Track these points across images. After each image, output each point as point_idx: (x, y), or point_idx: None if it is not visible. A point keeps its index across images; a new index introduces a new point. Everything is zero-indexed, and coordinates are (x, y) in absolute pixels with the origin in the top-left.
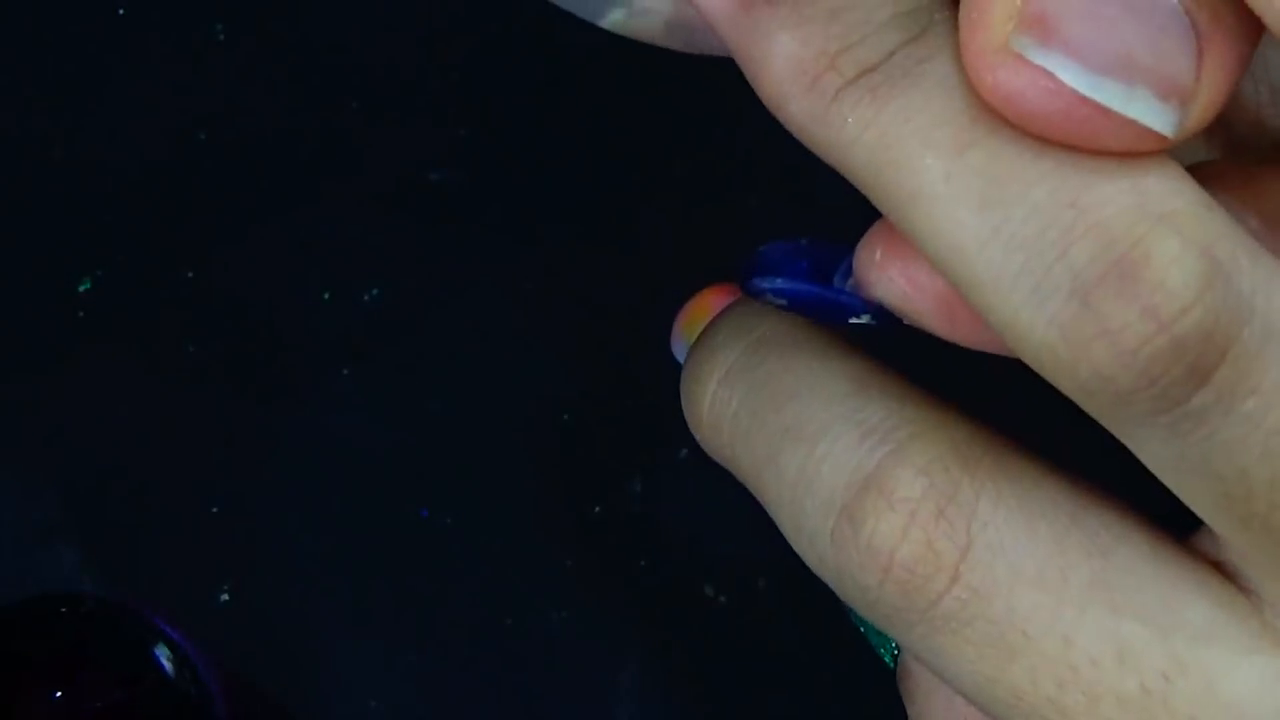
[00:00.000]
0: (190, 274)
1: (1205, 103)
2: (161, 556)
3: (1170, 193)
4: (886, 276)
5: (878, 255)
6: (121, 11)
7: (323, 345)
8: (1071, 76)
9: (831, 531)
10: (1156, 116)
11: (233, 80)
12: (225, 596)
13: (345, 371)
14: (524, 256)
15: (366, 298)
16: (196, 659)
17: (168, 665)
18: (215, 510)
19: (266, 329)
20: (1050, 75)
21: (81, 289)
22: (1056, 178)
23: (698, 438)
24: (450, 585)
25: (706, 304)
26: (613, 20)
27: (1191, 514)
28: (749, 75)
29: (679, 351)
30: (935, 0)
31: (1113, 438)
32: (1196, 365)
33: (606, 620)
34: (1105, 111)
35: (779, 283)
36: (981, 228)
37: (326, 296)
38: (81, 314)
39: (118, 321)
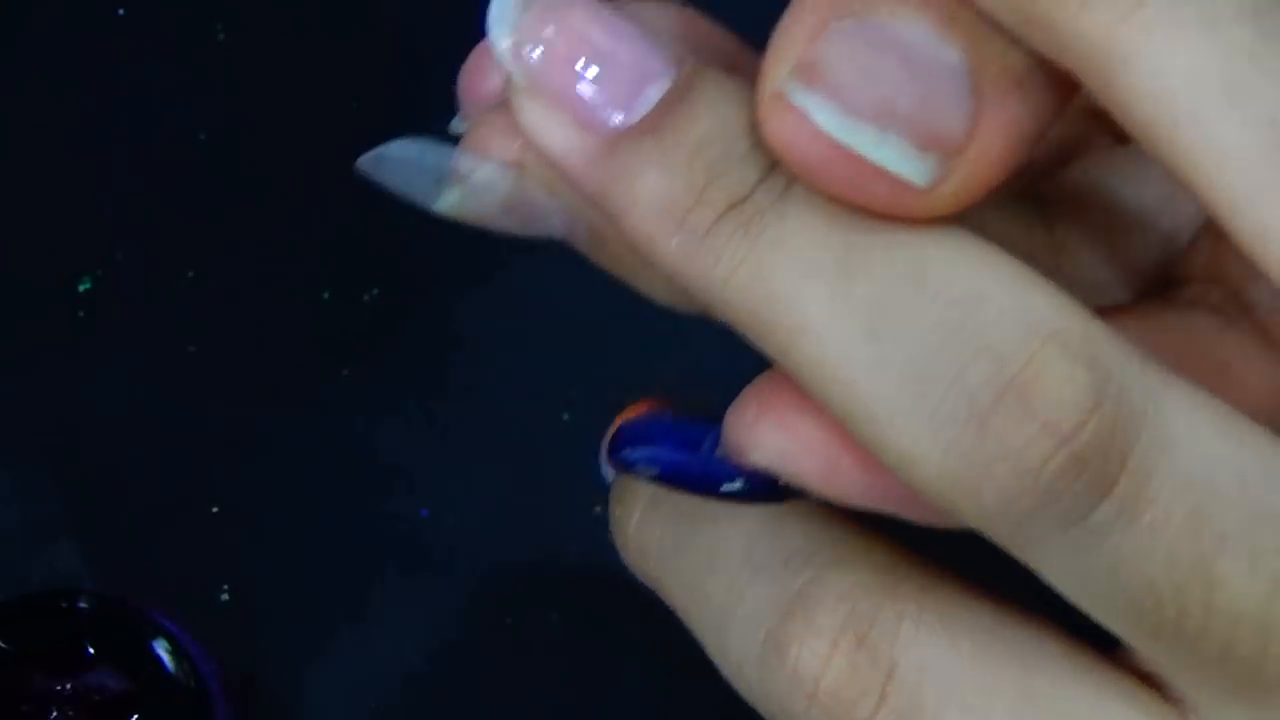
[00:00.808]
0: (190, 274)
1: (979, 161)
2: (161, 556)
3: (1054, 309)
4: (761, 436)
5: (750, 416)
6: (121, 11)
7: (323, 345)
8: (826, 119)
9: (757, 659)
10: (909, 166)
11: (233, 80)
12: (225, 596)
13: (345, 372)
14: (524, 257)
15: (366, 298)
16: (196, 655)
17: (168, 661)
18: (215, 510)
19: (266, 329)
20: (807, 118)
21: (81, 289)
22: (942, 301)
23: (625, 562)
24: (450, 585)
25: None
26: (447, 203)
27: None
28: (615, 220)
29: (606, 472)
30: None
31: None
32: (1098, 477)
33: (606, 620)
34: (855, 157)
35: (648, 452)
36: (870, 358)
37: (326, 296)
38: (81, 314)
39: (118, 321)
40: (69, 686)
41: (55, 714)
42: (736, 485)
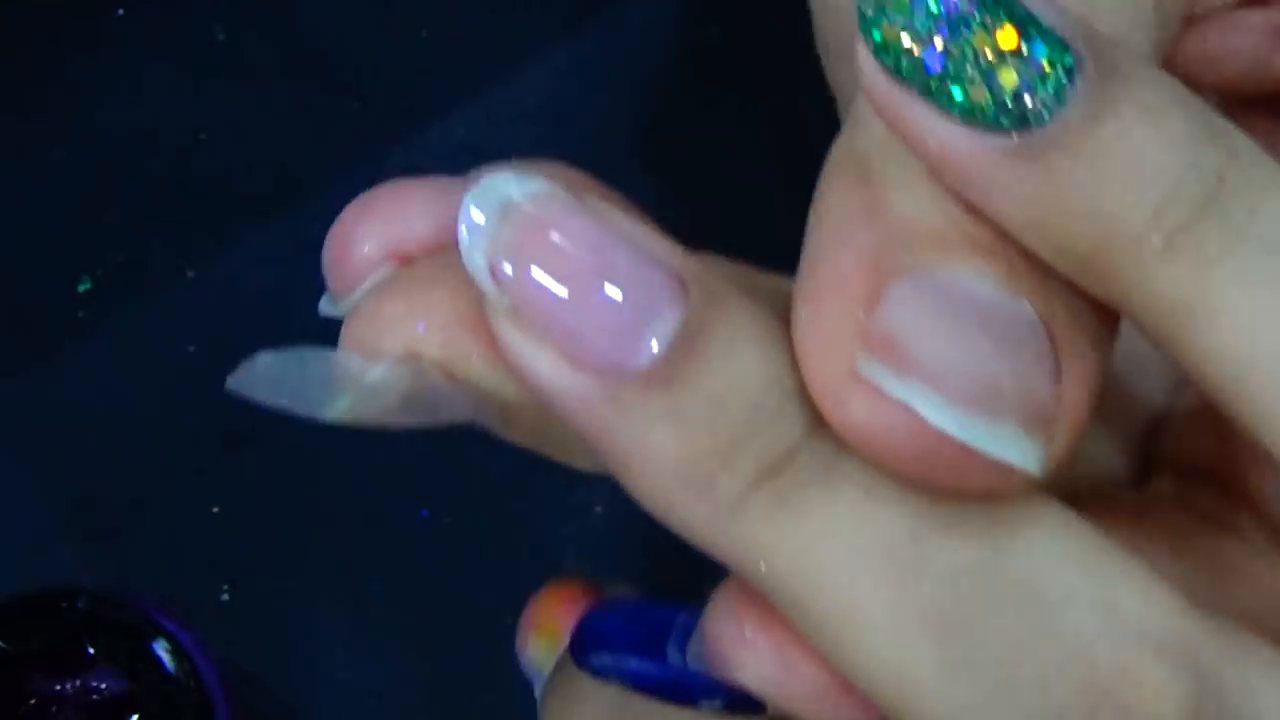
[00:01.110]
0: (190, 274)
1: (1070, 424)
2: (161, 556)
3: (1146, 604)
4: (752, 657)
5: (746, 631)
6: (121, 11)
7: (322, 345)
8: (934, 412)
9: None
10: (1024, 453)
11: (233, 80)
12: (225, 596)
13: None
14: None
15: None
16: (196, 654)
17: (168, 661)
18: (215, 510)
19: (266, 329)
20: (909, 411)
21: (81, 289)
22: (1025, 601)
23: None
24: (450, 585)
25: (552, 612)
26: (339, 410)
27: None
28: (622, 478)
29: (526, 663)
30: None
31: None
32: None
33: None
34: (971, 453)
35: (618, 661)
36: (939, 665)
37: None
38: (81, 314)
39: (118, 321)
40: (69, 686)
41: (55, 714)
42: (716, 704)
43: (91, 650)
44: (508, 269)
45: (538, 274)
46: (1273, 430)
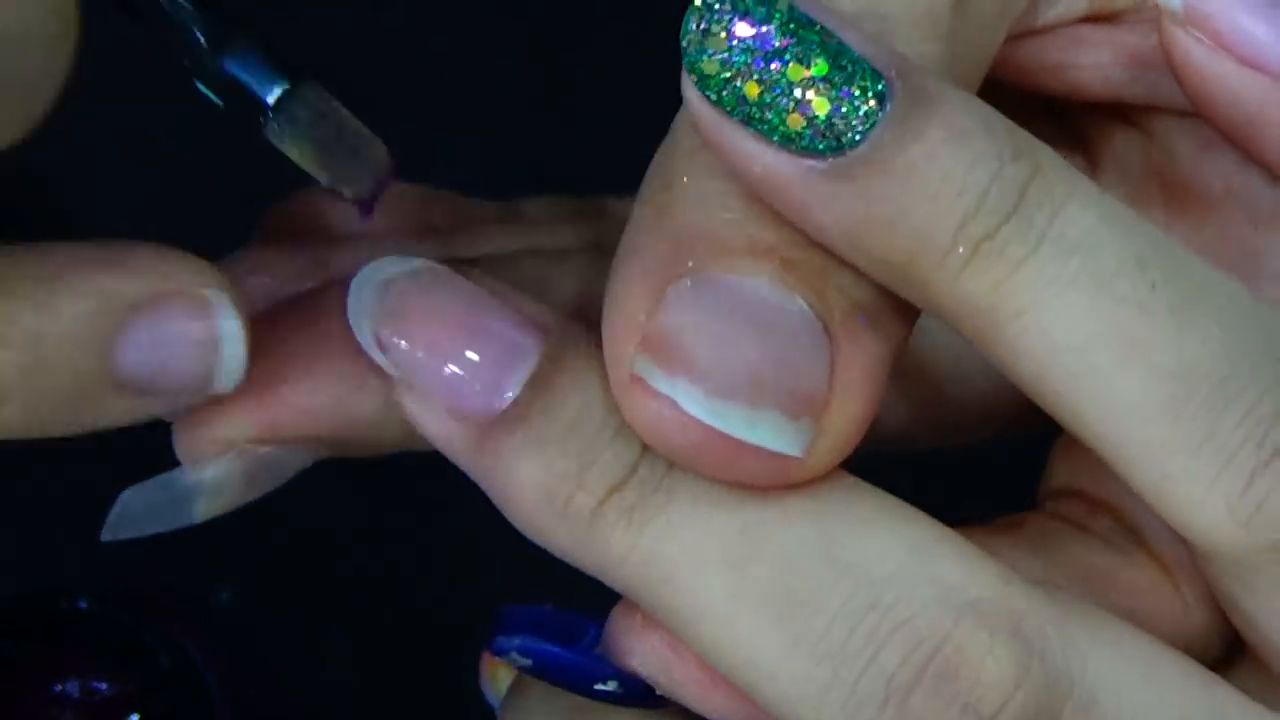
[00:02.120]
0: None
1: (847, 411)
2: (161, 556)
3: (968, 576)
4: (644, 644)
5: (638, 621)
6: None
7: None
8: (694, 404)
9: None
10: (786, 440)
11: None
12: (225, 596)
13: None
14: None
15: None
16: (196, 655)
17: (167, 661)
18: None
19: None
20: (673, 404)
21: None
22: (850, 579)
23: None
24: (450, 585)
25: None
26: (199, 514)
27: None
28: (501, 507)
29: (490, 697)
30: None
31: None
32: None
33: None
34: (729, 439)
35: (523, 642)
36: (780, 641)
37: None
38: None
39: None
40: (69, 686)
41: (55, 714)
42: (610, 687)
43: (91, 650)
44: (389, 338)
45: (412, 341)
46: (1080, 421)
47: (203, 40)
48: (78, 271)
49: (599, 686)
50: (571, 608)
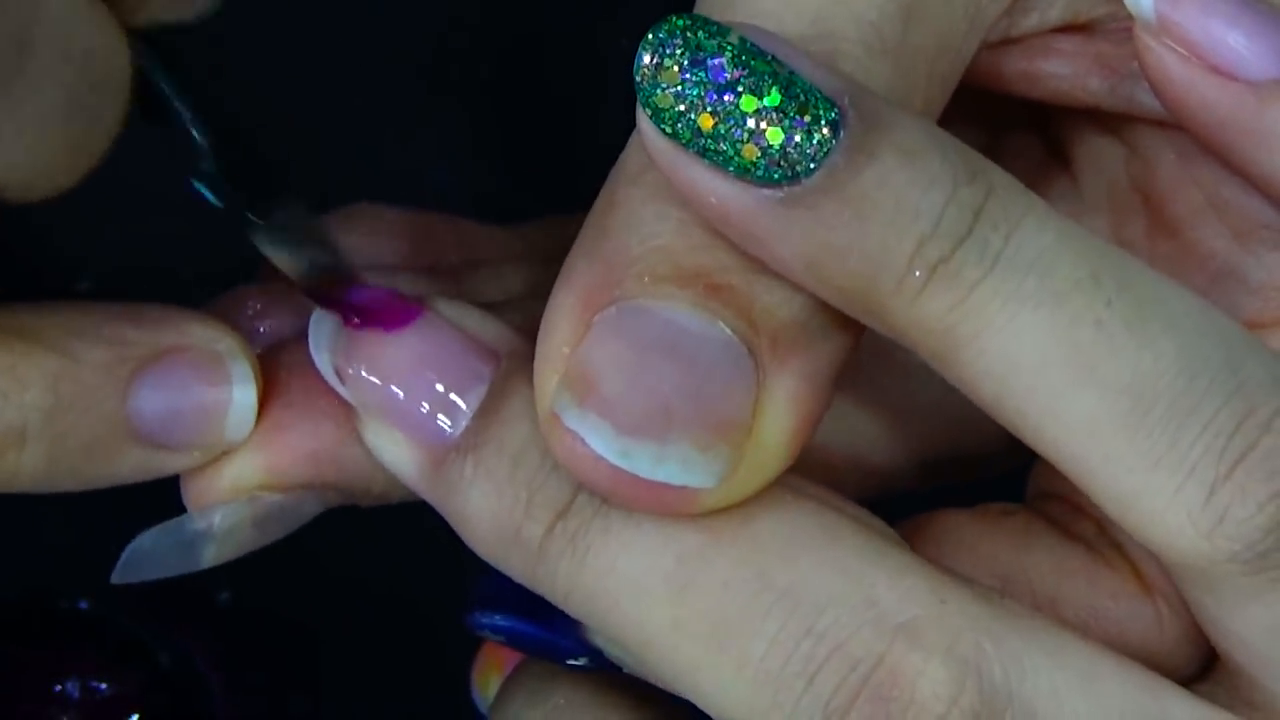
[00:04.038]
0: (190, 274)
1: (772, 435)
2: None
3: (902, 596)
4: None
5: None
6: None
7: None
8: (600, 442)
9: None
10: (693, 474)
11: (233, 80)
12: (225, 596)
13: None
14: None
15: None
16: (195, 655)
17: (167, 661)
18: None
19: None
20: (581, 441)
21: (81, 288)
22: (786, 604)
23: None
24: (451, 585)
25: (499, 653)
26: (210, 559)
27: None
28: (460, 535)
29: (480, 703)
30: None
31: None
32: None
33: None
34: (636, 478)
35: (498, 619)
36: (721, 667)
37: None
38: None
39: None
40: (69, 686)
41: (55, 714)
42: (581, 661)
43: (91, 650)
44: (345, 369)
45: (366, 372)
46: (1041, 438)
47: (203, 144)
48: (96, 321)
49: (571, 662)
50: None
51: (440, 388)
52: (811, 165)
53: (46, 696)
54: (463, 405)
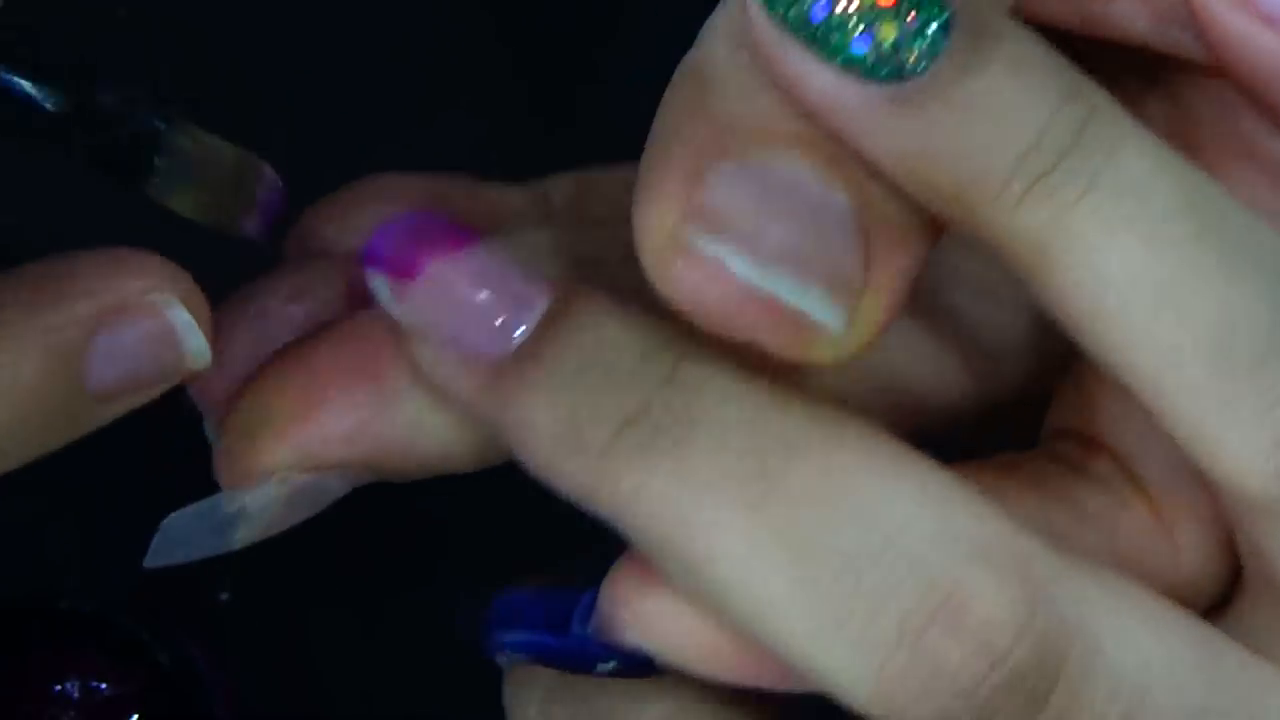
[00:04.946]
0: (189, 274)
1: (874, 308)
2: None
3: (978, 522)
4: (637, 618)
5: (629, 594)
6: (123, 13)
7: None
8: (741, 266)
9: None
10: (826, 311)
11: (233, 80)
12: (225, 596)
13: None
14: None
15: None
16: (196, 655)
17: (167, 661)
18: None
19: None
20: (720, 266)
21: None
22: (863, 521)
23: None
24: (454, 585)
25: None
26: (242, 540)
27: None
28: (515, 449)
29: (500, 661)
30: (681, 335)
31: None
32: (1033, 694)
33: None
34: (775, 303)
35: (519, 636)
36: (793, 583)
37: None
38: None
39: None
40: (69, 687)
41: (55, 714)
42: (610, 666)
43: (91, 650)
44: (404, 288)
45: (425, 288)
46: (1122, 361)
47: (51, 106)
48: (20, 314)
49: (599, 669)
50: (563, 577)
51: (499, 302)
52: (921, 65)
53: (47, 697)
54: (524, 318)
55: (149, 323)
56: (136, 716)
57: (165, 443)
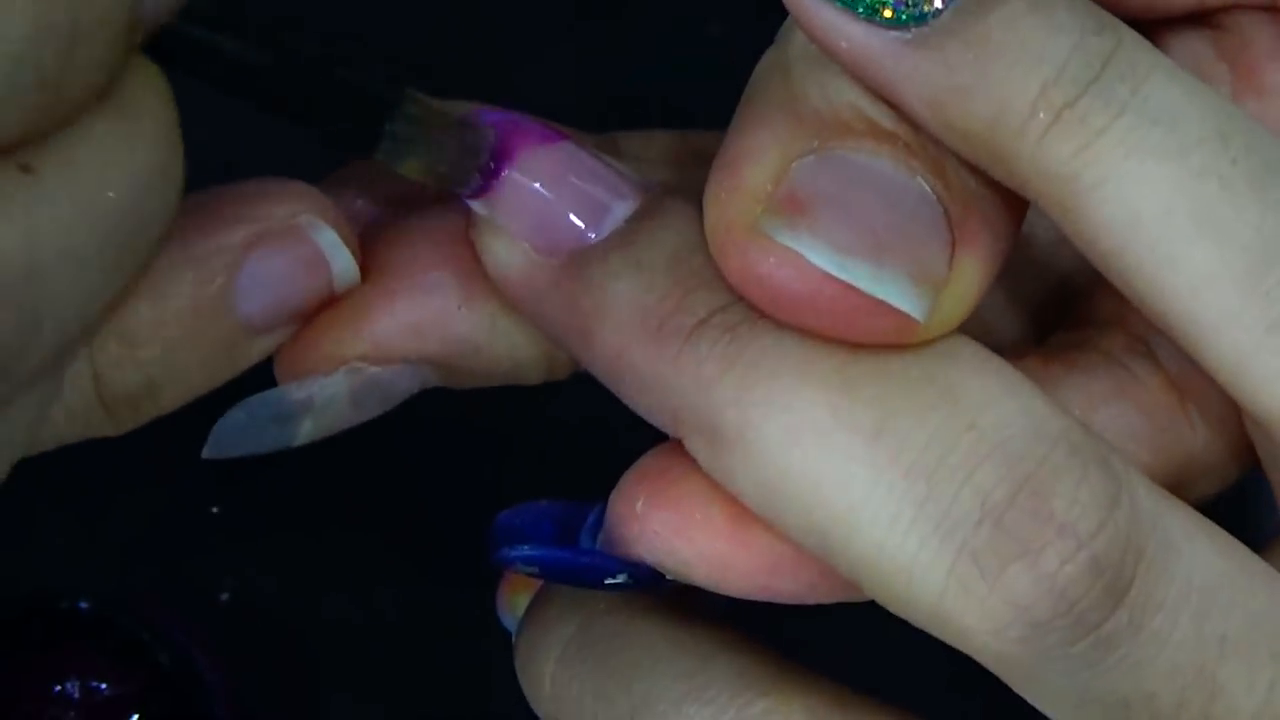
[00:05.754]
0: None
1: (960, 292)
2: (161, 556)
3: (1055, 413)
4: (648, 532)
5: (638, 507)
6: None
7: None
8: (819, 257)
9: None
10: (908, 300)
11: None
12: (225, 596)
13: None
14: None
15: None
16: (196, 655)
17: (167, 661)
18: (215, 510)
19: None
20: (798, 256)
21: None
22: (949, 401)
23: (537, 711)
24: (451, 585)
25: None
26: (305, 435)
27: None
28: (580, 333)
29: (508, 622)
30: None
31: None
32: (1113, 583)
33: None
34: (854, 292)
35: (526, 550)
36: (876, 460)
37: None
38: None
39: None
40: (69, 687)
41: (55, 714)
42: (620, 580)
43: (91, 650)
44: (494, 170)
45: (517, 172)
46: (1155, 291)
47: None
48: (169, 246)
49: (609, 581)
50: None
51: (589, 193)
52: (940, 7)
53: (47, 697)
54: (611, 213)
55: (296, 246)
56: (136, 716)
57: (165, 442)
